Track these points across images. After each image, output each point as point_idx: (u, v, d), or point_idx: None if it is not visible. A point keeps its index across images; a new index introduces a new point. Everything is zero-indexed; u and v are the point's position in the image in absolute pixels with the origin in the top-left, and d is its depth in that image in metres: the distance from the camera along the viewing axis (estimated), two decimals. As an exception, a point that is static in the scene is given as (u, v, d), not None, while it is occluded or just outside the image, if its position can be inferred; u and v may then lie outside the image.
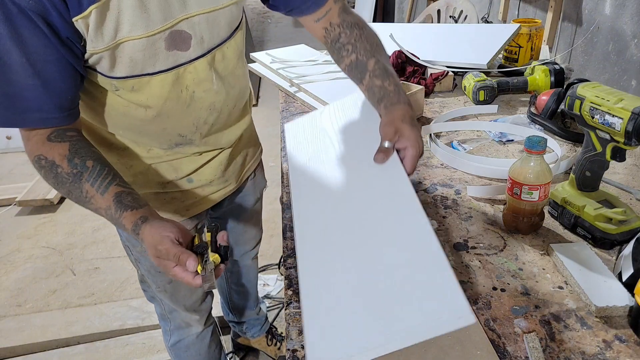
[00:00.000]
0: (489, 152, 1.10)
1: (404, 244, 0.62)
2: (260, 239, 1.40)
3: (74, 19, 0.66)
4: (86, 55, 0.71)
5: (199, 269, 0.65)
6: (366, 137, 0.87)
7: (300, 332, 0.64)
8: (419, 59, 1.49)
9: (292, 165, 0.89)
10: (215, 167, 0.99)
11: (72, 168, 0.71)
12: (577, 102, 0.78)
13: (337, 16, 0.92)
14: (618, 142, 0.73)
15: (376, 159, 0.76)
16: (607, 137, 0.75)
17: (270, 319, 1.79)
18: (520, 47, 1.55)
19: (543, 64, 1.32)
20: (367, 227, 0.67)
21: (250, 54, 1.66)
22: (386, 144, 0.76)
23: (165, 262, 0.67)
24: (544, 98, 1.19)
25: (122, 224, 0.71)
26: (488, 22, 2.10)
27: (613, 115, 0.71)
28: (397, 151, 0.77)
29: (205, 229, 0.72)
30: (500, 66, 1.60)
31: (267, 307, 1.91)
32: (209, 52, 0.83)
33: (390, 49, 1.55)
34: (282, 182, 1.01)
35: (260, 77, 1.64)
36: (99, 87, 0.78)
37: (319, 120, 1.01)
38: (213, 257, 0.67)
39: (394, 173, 0.76)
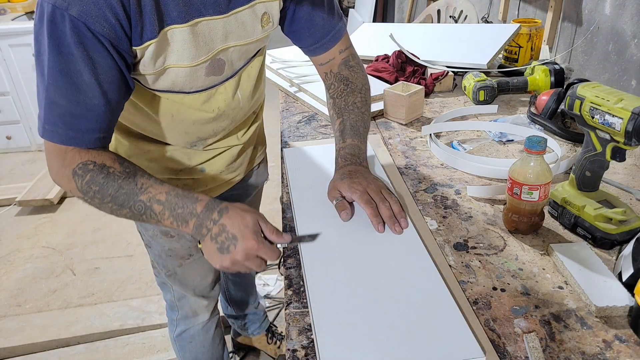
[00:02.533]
0: (489, 152, 1.10)
1: (412, 285, 0.68)
2: None
3: (133, 48, 0.71)
4: (134, 72, 0.76)
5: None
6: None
7: (300, 332, 0.64)
8: (419, 59, 1.49)
9: (296, 197, 0.92)
10: (227, 158, 1.02)
11: (125, 168, 0.73)
12: (577, 102, 0.78)
13: (337, 66, 0.99)
14: (618, 142, 0.73)
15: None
16: (607, 137, 0.75)
17: (270, 319, 1.79)
18: (520, 47, 1.55)
19: (543, 64, 1.32)
20: (376, 267, 0.72)
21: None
22: (333, 203, 0.84)
23: (255, 236, 0.71)
24: (544, 98, 1.19)
25: (193, 197, 0.73)
26: (488, 22, 2.10)
27: (613, 115, 0.71)
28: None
29: None
30: (500, 66, 1.60)
31: (267, 307, 1.91)
32: (236, 73, 0.89)
33: (390, 49, 1.55)
34: (282, 182, 1.01)
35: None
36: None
37: (323, 154, 1.07)
38: None
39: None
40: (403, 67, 1.48)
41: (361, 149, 0.89)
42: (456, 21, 2.12)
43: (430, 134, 1.12)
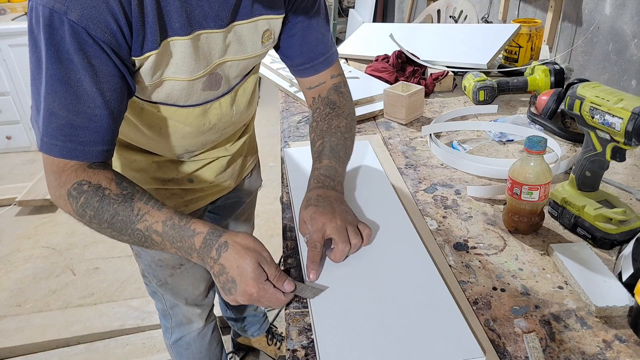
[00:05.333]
0: (489, 152, 1.10)
1: (412, 285, 0.68)
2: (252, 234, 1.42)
3: (132, 58, 0.69)
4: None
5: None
6: (367, 179, 0.96)
7: (300, 332, 0.64)
8: (419, 59, 1.49)
9: (296, 197, 0.92)
10: (216, 169, 1.01)
11: (122, 190, 0.68)
12: (577, 102, 0.78)
13: (326, 91, 0.93)
14: (618, 142, 0.73)
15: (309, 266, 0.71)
16: (607, 137, 0.75)
17: (270, 319, 1.79)
18: (520, 47, 1.55)
19: (543, 64, 1.32)
20: (376, 267, 0.72)
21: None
22: (304, 239, 0.76)
23: (260, 272, 0.64)
24: (544, 98, 1.19)
25: (190, 229, 0.66)
26: (488, 22, 2.10)
27: (613, 115, 0.71)
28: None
29: None
30: (500, 66, 1.60)
31: (267, 308, 1.91)
32: (232, 89, 0.88)
33: (390, 49, 1.55)
34: (282, 182, 1.01)
35: (260, 77, 1.64)
36: None
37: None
38: None
39: (396, 215, 0.84)
40: (403, 67, 1.48)
41: (338, 172, 0.82)
42: (456, 21, 2.12)
43: (430, 134, 1.12)
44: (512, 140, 1.14)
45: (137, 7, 0.65)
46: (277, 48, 0.92)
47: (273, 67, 1.59)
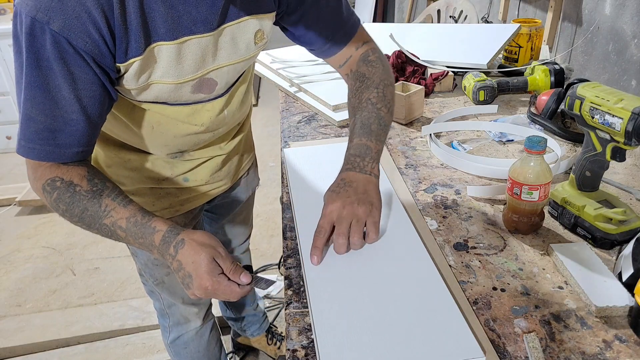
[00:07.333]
0: (489, 152, 1.10)
1: (412, 285, 0.68)
2: (250, 234, 1.42)
3: (117, 64, 0.69)
4: (117, 85, 0.74)
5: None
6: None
7: (300, 332, 0.64)
8: (419, 59, 1.49)
9: (296, 197, 0.92)
10: (211, 168, 1.01)
11: (92, 186, 0.71)
12: (577, 102, 0.78)
13: (355, 64, 0.92)
14: (618, 142, 0.73)
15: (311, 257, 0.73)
16: (607, 137, 0.75)
17: (270, 319, 1.79)
18: (520, 47, 1.55)
19: (543, 64, 1.32)
20: (376, 267, 0.72)
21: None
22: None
23: (215, 266, 0.68)
24: (544, 98, 1.19)
25: (150, 226, 0.70)
26: (488, 22, 2.10)
27: (613, 115, 0.71)
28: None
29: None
30: (500, 66, 1.60)
31: (267, 308, 1.91)
32: (227, 92, 0.88)
33: (390, 49, 1.55)
34: (282, 182, 1.01)
35: (260, 77, 1.64)
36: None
37: (323, 154, 1.07)
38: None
39: (396, 215, 0.84)
40: (403, 67, 1.48)
41: (369, 148, 0.80)
42: (456, 21, 2.12)
43: (430, 134, 1.12)
44: (512, 140, 1.14)
45: (120, 15, 0.65)
46: (295, 38, 0.91)
47: (273, 67, 1.59)
